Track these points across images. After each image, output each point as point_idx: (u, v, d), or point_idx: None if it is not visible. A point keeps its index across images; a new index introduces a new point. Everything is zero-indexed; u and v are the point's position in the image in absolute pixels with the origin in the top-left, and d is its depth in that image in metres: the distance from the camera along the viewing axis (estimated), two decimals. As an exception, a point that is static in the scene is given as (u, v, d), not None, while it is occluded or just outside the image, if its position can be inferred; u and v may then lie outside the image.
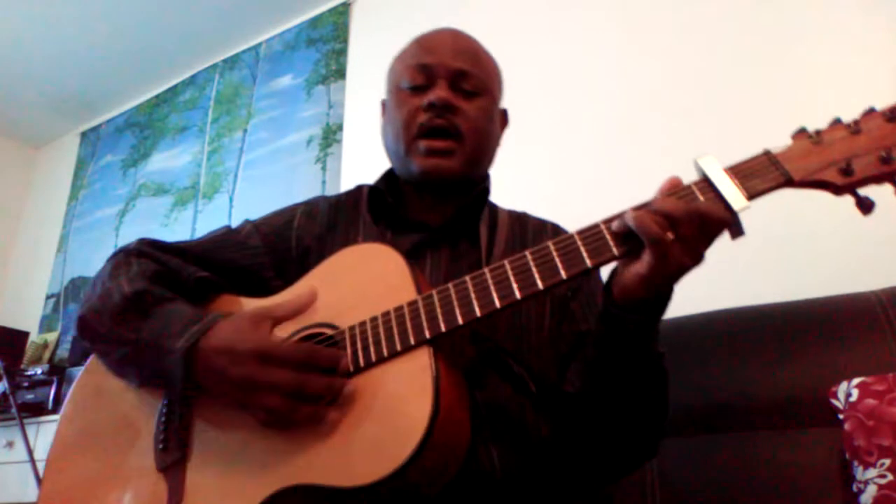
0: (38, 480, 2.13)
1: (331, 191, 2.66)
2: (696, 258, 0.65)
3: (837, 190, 0.63)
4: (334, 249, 0.85)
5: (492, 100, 0.98)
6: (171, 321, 0.77)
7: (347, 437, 0.67)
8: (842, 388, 1.16)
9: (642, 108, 1.96)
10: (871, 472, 1.06)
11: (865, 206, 0.62)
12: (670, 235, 0.62)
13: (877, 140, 0.62)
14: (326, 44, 3.00)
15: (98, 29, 3.24)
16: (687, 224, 0.62)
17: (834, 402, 1.17)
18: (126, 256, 0.90)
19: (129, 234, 3.42)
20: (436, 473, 0.66)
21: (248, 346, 0.71)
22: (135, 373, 0.82)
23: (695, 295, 1.56)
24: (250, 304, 0.88)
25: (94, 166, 3.85)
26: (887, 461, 1.05)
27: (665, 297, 0.70)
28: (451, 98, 0.91)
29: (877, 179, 0.62)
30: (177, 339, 0.74)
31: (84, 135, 4.04)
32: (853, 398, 1.13)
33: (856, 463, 1.09)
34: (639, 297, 0.67)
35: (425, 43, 0.99)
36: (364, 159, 2.58)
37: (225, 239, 0.97)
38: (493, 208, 1.00)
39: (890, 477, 1.04)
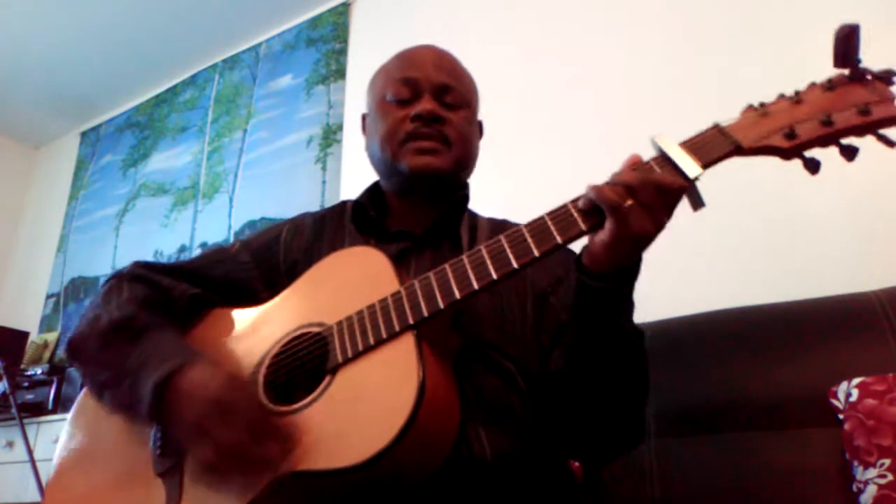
0: (38, 480, 2.13)
1: (331, 191, 2.66)
2: (657, 225, 0.67)
3: (785, 154, 0.67)
4: (321, 259, 0.88)
5: (472, 112, 1.02)
6: (153, 352, 0.79)
7: (337, 424, 0.69)
8: (842, 388, 1.16)
9: (634, 111, 1.96)
10: (871, 472, 1.06)
11: (812, 166, 0.66)
12: (629, 202, 0.66)
13: (817, 107, 0.67)
14: (326, 44, 3.00)
15: (98, 29, 3.24)
16: (643, 191, 0.66)
17: (834, 402, 1.17)
18: (119, 282, 0.93)
19: (129, 234, 3.42)
20: (425, 453, 0.67)
21: (210, 395, 0.71)
22: (110, 397, 0.84)
23: (695, 295, 1.58)
24: (242, 314, 0.91)
25: (94, 166, 3.85)
26: (887, 461, 1.05)
27: (633, 267, 0.72)
28: (438, 109, 0.95)
29: (820, 141, 0.66)
30: (152, 371, 0.75)
31: (84, 135, 4.04)
32: (853, 398, 1.13)
33: (856, 463, 1.09)
34: (606, 265, 0.70)
35: (408, 58, 1.02)
36: (364, 159, 2.57)
37: (215, 256, 1.01)
38: (473, 215, 1.03)
39: (890, 477, 1.04)
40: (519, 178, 2.08)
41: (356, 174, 2.58)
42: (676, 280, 1.59)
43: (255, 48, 3.33)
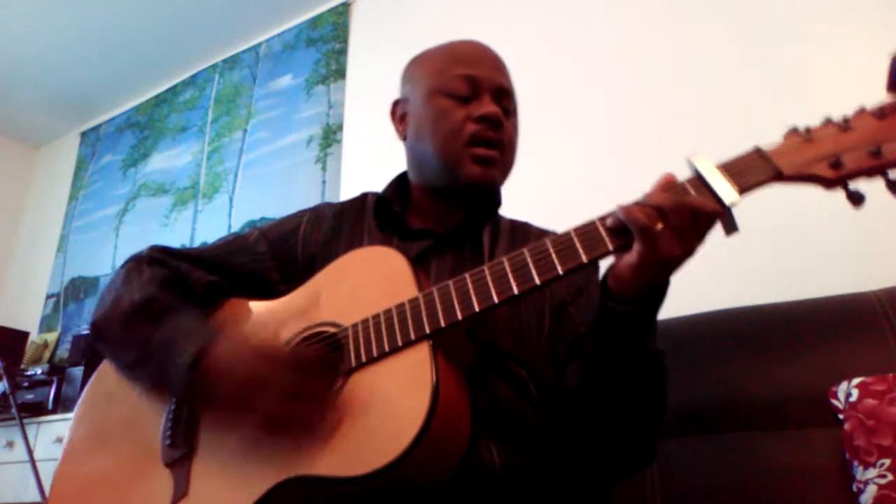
0: (38, 480, 2.13)
1: (331, 191, 2.66)
2: (687, 250, 0.65)
3: (828, 183, 0.64)
4: (339, 255, 0.87)
5: (517, 117, 1.01)
6: (180, 328, 0.79)
7: (348, 430, 0.68)
8: (842, 388, 1.16)
9: (647, 113, 1.96)
10: (871, 472, 1.06)
11: (856, 199, 0.63)
12: (660, 226, 0.64)
13: (867, 136, 0.63)
14: (326, 44, 3.00)
15: (98, 29, 3.24)
16: (676, 215, 0.63)
17: (834, 402, 1.17)
18: (138, 264, 0.92)
19: (129, 234, 3.42)
20: (435, 465, 0.67)
21: (252, 347, 0.73)
22: (145, 376, 0.84)
23: (695, 295, 1.57)
24: (258, 306, 0.90)
25: (94, 166, 3.85)
26: (887, 461, 1.05)
27: (659, 291, 0.71)
28: (501, 114, 0.94)
29: (867, 173, 0.62)
30: (184, 344, 0.76)
31: (84, 135, 4.04)
32: (853, 398, 1.13)
33: (856, 463, 1.09)
34: (632, 288, 0.68)
35: (466, 54, 0.99)
36: (364, 159, 2.58)
37: (233, 245, 1.00)
38: (496, 217, 1.02)
39: (890, 477, 1.04)
40: (521, 177, 2.07)
41: (356, 174, 2.58)
42: (677, 280, 1.58)
43: (255, 48, 3.33)
